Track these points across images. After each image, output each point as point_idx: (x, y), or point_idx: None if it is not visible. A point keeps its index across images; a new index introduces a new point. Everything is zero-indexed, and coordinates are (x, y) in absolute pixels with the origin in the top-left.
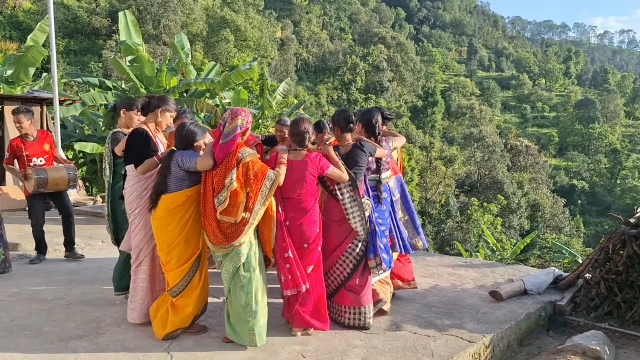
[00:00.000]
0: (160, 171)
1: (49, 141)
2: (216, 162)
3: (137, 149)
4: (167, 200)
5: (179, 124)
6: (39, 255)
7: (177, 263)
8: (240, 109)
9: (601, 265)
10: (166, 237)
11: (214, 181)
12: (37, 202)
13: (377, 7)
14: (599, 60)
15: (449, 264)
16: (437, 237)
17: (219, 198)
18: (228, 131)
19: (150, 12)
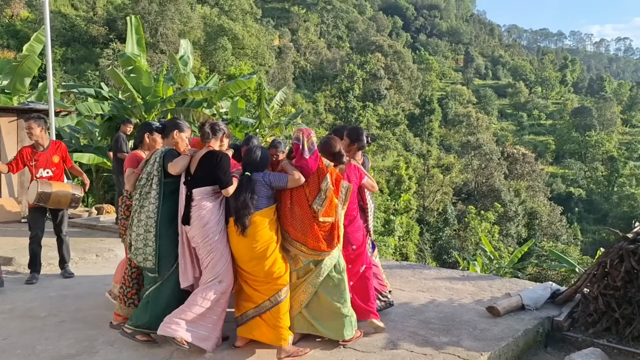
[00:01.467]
0: (243, 194)
1: (60, 153)
2: (307, 176)
3: (228, 170)
4: (261, 218)
5: (248, 148)
6: (33, 275)
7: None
8: (308, 129)
9: (599, 281)
10: (264, 251)
11: (306, 191)
12: (39, 214)
13: (374, 15)
14: (595, 68)
15: (446, 277)
16: (434, 246)
17: (318, 202)
18: (309, 146)
19: (147, 20)
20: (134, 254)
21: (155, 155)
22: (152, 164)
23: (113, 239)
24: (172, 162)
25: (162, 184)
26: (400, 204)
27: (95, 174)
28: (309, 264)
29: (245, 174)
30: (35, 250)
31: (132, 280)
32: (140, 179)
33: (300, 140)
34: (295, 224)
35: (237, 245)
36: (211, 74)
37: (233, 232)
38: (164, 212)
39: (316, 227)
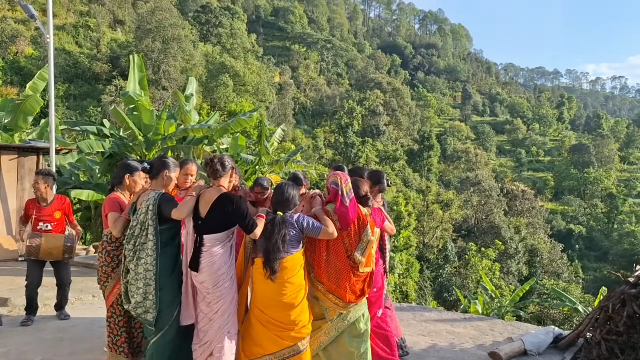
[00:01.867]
0: (275, 235)
1: (63, 209)
2: (346, 226)
3: (248, 214)
4: (292, 263)
5: (278, 186)
6: (29, 317)
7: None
8: (344, 173)
9: (601, 325)
10: (294, 294)
11: (345, 241)
12: (35, 264)
13: (373, 53)
14: (592, 106)
15: (447, 320)
16: (435, 283)
17: (359, 253)
18: (348, 192)
19: (150, 57)
20: (134, 307)
21: (147, 201)
22: (145, 212)
23: None
24: (175, 208)
25: (159, 233)
26: (399, 241)
27: (94, 210)
28: (340, 314)
29: (276, 214)
30: (31, 295)
31: (120, 328)
32: (133, 228)
33: (339, 186)
34: (331, 275)
35: (263, 288)
36: (212, 110)
37: (259, 275)
38: (163, 262)
39: (352, 278)
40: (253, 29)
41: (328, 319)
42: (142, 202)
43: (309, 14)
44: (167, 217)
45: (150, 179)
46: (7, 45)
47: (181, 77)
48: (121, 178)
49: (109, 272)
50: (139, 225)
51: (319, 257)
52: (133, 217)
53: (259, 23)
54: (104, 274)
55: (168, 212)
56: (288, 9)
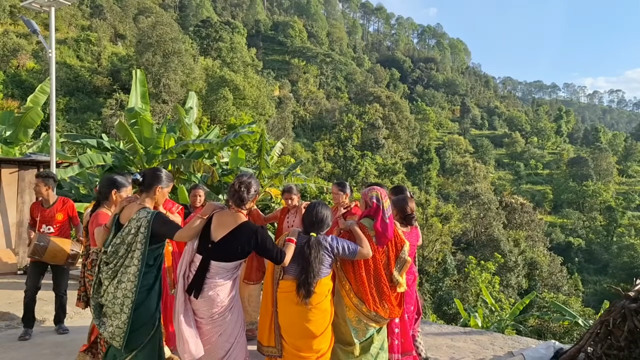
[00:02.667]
0: (312, 257)
1: (66, 210)
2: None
3: (273, 244)
4: (322, 287)
5: (311, 205)
6: (26, 331)
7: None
8: (382, 189)
9: (602, 340)
10: (321, 321)
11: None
12: (36, 268)
13: (372, 67)
14: (590, 119)
15: (447, 333)
16: (434, 296)
17: (397, 272)
18: (387, 207)
19: (151, 71)
20: (103, 327)
21: (139, 221)
22: (134, 233)
23: None
24: (173, 230)
25: (146, 254)
26: None
27: None
28: (372, 334)
29: (310, 235)
30: (29, 305)
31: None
32: (116, 246)
33: (380, 201)
34: (374, 294)
35: (288, 312)
36: (212, 123)
37: (288, 298)
38: (144, 281)
39: (393, 298)
40: (253, 43)
41: (356, 339)
42: (132, 220)
43: (308, 29)
44: (161, 237)
45: (140, 192)
46: (9, 59)
47: (181, 91)
48: (107, 194)
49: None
50: (125, 245)
51: (359, 275)
52: (118, 235)
53: (258, 37)
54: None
55: (168, 235)
56: (288, 23)
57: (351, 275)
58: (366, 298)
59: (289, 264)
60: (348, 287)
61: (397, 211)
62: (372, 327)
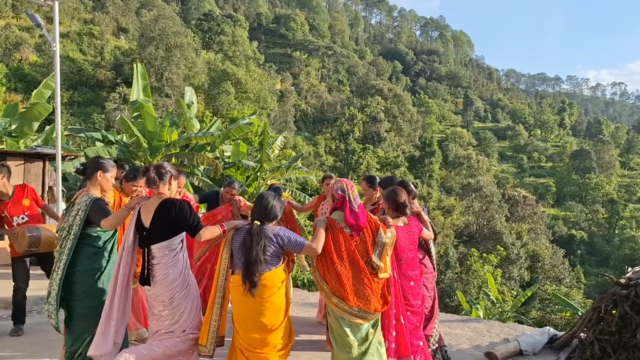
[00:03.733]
0: (255, 246)
1: (29, 195)
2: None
3: (193, 215)
4: (271, 280)
5: (259, 195)
6: (18, 326)
7: (285, 343)
8: (348, 180)
9: (594, 326)
10: (275, 314)
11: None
12: (22, 265)
13: (374, 60)
14: (593, 112)
15: (444, 321)
16: (437, 289)
17: (376, 257)
18: (354, 197)
19: (153, 65)
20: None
21: (79, 205)
22: (74, 215)
23: None
24: (104, 217)
25: (78, 238)
26: None
27: None
28: (368, 328)
29: (254, 223)
30: (20, 301)
31: None
32: (62, 230)
33: (346, 192)
34: (355, 289)
35: (240, 306)
36: (215, 117)
37: (237, 293)
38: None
39: (374, 286)
40: (255, 37)
41: (353, 338)
42: (75, 204)
43: (310, 21)
44: (93, 222)
45: (83, 180)
46: (12, 53)
47: (184, 85)
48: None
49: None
50: (67, 228)
51: (334, 269)
52: (65, 219)
53: (260, 30)
54: None
55: (97, 221)
56: (289, 16)
57: (327, 275)
58: (345, 295)
59: (237, 258)
60: (326, 287)
61: (389, 204)
62: (363, 323)
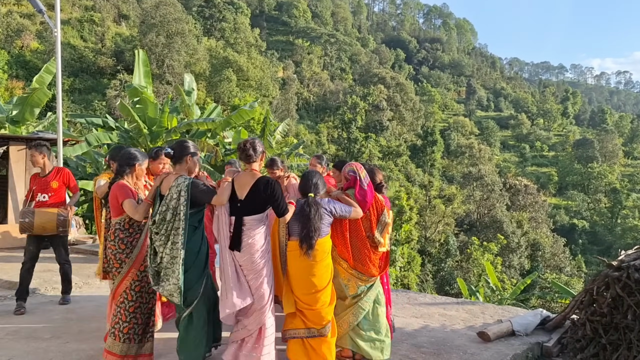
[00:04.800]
0: (312, 215)
1: (61, 179)
2: (366, 208)
3: (283, 198)
4: (323, 245)
5: (305, 173)
6: (20, 304)
7: (331, 299)
8: (356, 163)
9: (586, 307)
10: (324, 276)
11: (363, 223)
12: (31, 240)
13: (377, 48)
14: (597, 101)
15: (440, 304)
16: (436, 277)
17: (379, 233)
18: (364, 177)
19: (154, 52)
20: (162, 289)
21: (178, 187)
22: (176, 198)
23: None
24: (211, 196)
25: (188, 217)
26: (401, 234)
27: None
28: (362, 291)
29: (308, 195)
30: (23, 276)
31: (129, 314)
32: (163, 214)
33: (356, 173)
34: (355, 254)
35: (295, 269)
36: (216, 104)
37: (294, 257)
38: (192, 244)
39: (373, 256)
40: (256, 24)
41: (348, 294)
42: (171, 187)
43: (312, 9)
44: (199, 202)
45: (174, 164)
46: (13, 40)
47: (185, 72)
48: (130, 166)
49: (122, 258)
50: (171, 210)
51: (342, 237)
52: (162, 203)
53: (262, 17)
54: (117, 261)
55: (206, 199)
56: (292, 3)
57: (336, 238)
58: (347, 257)
59: (293, 227)
60: (335, 253)
61: (378, 191)
62: (361, 284)
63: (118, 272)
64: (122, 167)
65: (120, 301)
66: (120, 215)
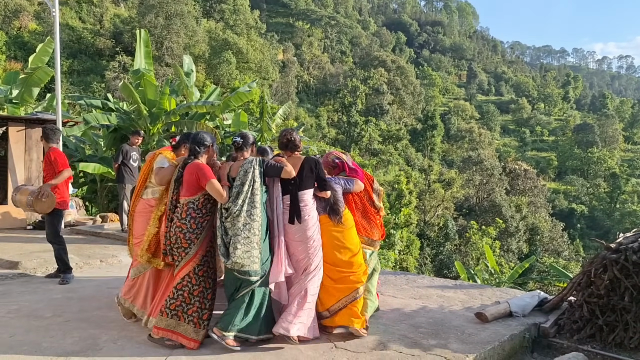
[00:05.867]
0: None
1: (47, 157)
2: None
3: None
4: (347, 214)
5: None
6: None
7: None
8: (333, 151)
9: (584, 289)
10: (356, 241)
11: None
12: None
13: (377, 31)
14: (598, 85)
15: (438, 286)
16: (435, 260)
17: (376, 199)
18: (347, 159)
19: (153, 34)
20: (237, 261)
21: (250, 164)
22: (251, 174)
23: (117, 246)
24: (286, 169)
25: (263, 185)
26: (400, 218)
27: (100, 183)
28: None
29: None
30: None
31: (194, 297)
32: (238, 187)
33: (340, 158)
34: (363, 223)
35: (331, 238)
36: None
37: (329, 229)
38: (263, 217)
39: (377, 220)
40: (256, 5)
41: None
42: (243, 165)
43: None
44: (270, 176)
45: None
46: (11, 20)
47: (184, 54)
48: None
49: (192, 238)
50: (247, 184)
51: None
52: (237, 178)
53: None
54: (186, 241)
55: (276, 173)
56: None
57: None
58: (358, 228)
59: (318, 205)
60: None
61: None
62: (367, 250)
63: (185, 253)
64: (198, 148)
65: (183, 284)
66: (195, 194)
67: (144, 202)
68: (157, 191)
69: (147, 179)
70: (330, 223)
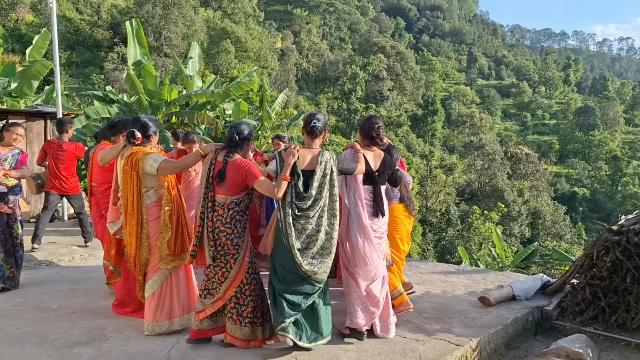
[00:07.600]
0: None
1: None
2: None
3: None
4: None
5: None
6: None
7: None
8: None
9: (586, 271)
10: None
11: None
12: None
13: (376, 17)
14: (598, 68)
15: (441, 271)
16: (438, 246)
17: None
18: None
19: (151, 24)
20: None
21: (328, 162)
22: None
23: None
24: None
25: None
26: None
27: None
28: None
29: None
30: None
31: (247, 298)
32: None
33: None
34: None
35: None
36: (215, 76)
37: (404, 218)
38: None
39: None
40: None
41: None
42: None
43: None
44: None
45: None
46: (7, 13)
47: (183, 44)
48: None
49: (239, 242)
50: (326, 184)
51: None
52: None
53: None
54: (234, 247)
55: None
56: None
57: None
58: None
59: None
60: None
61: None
62: None
63: (234, 260)
64: (242, 141)
65: (241, 291)
66: (239, 193)
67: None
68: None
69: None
70: (405, 213)
